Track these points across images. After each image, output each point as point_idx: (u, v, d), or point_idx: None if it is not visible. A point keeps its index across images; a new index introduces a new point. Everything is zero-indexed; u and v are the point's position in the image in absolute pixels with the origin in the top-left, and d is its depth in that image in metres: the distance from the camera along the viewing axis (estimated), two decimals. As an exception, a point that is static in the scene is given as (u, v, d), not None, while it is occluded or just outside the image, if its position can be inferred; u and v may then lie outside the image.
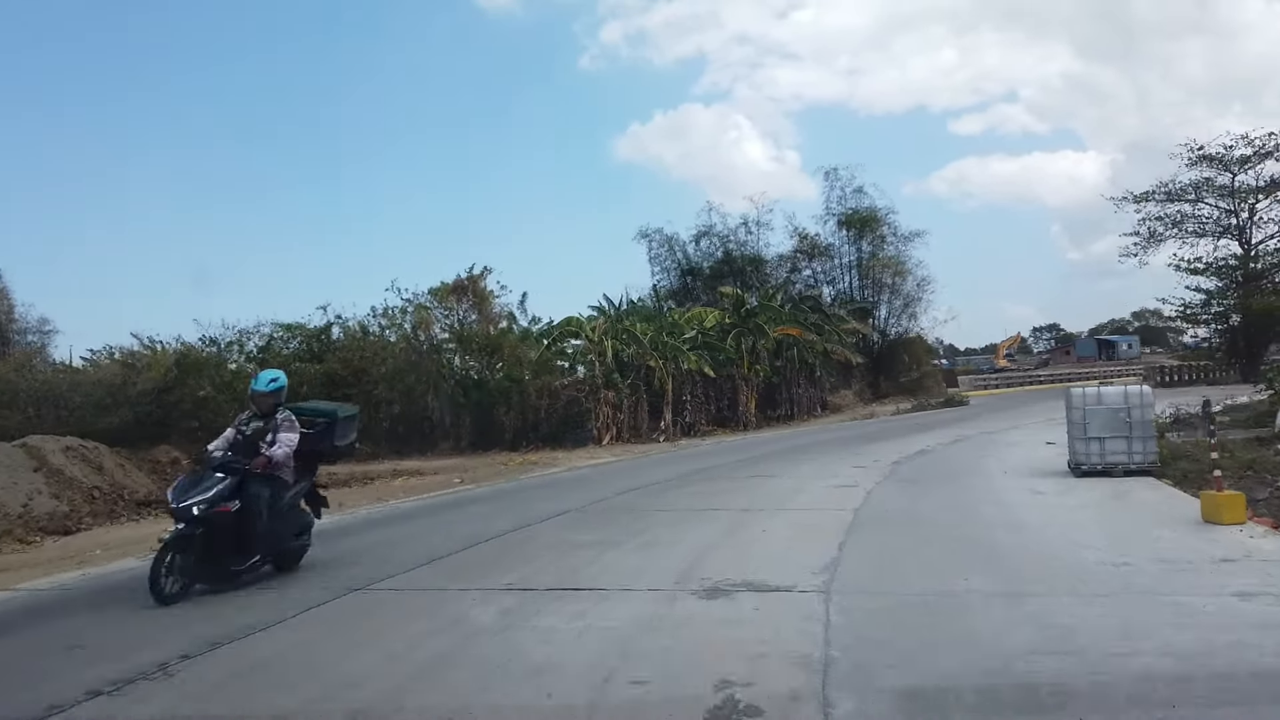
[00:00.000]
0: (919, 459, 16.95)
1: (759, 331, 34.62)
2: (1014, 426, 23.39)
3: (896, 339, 51.12)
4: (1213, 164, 41.19)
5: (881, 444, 20.18)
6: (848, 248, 50.95)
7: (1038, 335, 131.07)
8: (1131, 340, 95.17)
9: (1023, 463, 15.63)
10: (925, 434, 22.17)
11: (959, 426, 24.53)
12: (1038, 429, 22.60)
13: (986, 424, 25.17)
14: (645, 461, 20.78)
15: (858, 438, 22.82)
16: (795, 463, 17.28)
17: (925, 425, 25.84)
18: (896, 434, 22.89)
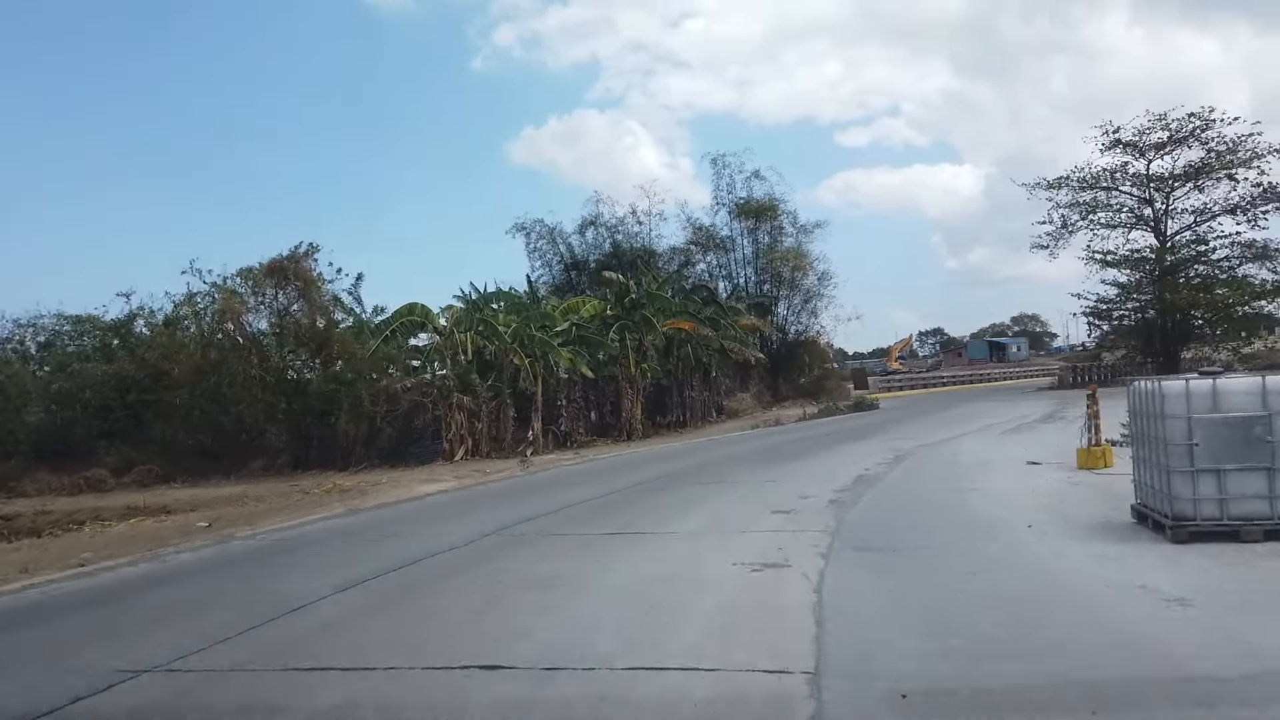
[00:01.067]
0: (866, 494, 11.35)
1: (646, 325, 29.50)
2: (957, 436, 18.70)
3: (797, 338, 46.93)
4: (1127, 149, 38.34)
5: (800, 464, 15.14)
6: (744, 240, 46.49)
7: (923, 339, 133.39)
8: (1020, 343, 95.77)
9: (1029, 501, 10.11)
10: (849, 448, 17.32)
11: (885, 436, 19.84)
12: (986, 439, 18.09)
13: (916, 432, 20.62)
14: (480, 493, 15.13)
15: (766, 453, 17.79)
16: (684, 503, 11.63)
17: (843, 435, 21.18)
18: (813, 448, 17.96)
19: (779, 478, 13.26)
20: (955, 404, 31.50)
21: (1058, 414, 23.43)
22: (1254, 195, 35.70)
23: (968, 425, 21.53)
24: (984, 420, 22.77)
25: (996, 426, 20.88)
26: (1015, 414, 24.24)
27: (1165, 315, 37.92)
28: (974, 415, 25.31)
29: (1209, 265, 37.93)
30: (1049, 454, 13.79)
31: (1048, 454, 13.79)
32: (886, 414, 29.67)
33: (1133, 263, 38.26)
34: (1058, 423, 20.66)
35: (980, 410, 27.14)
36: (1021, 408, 26.96)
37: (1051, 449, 14.49)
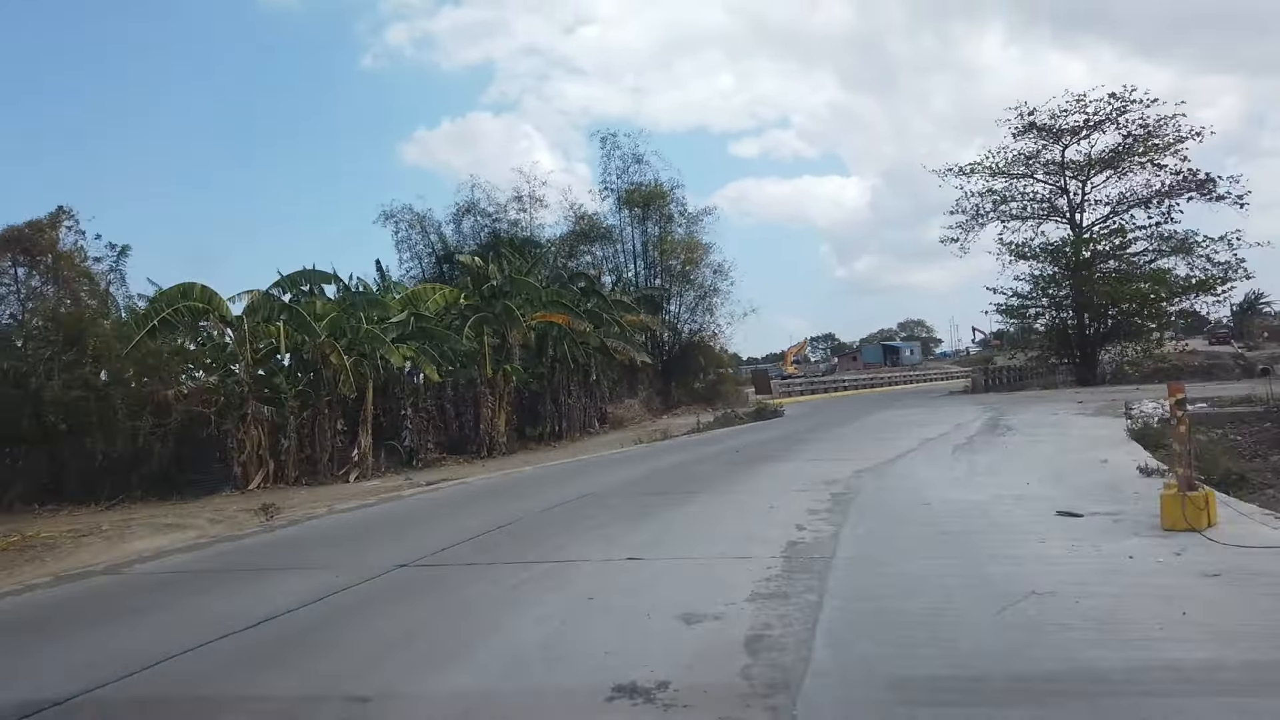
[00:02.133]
0: (822, 608, 5.53)
1: (509, 318, 24.25)
2: (898, 455, 13.99)
3: (691, 338, 42.36)
4: (1041, 134, 35.18)
5: (689, 510, 9.99)
6: (632, 230, 41.71)
7: (815, 345, 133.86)
8: (913, 346, 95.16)
9: (1176, 640, 4.61)
10: (763, 477, 12.29)
11: (806, 455, 14.91)
12: (939, 459, 13.40)
13: (842, 449, 15.84)
14: (211, 560, 9.27)
15: (641, 487, 12.61)
16: (498, 609, 6.19)
17: (750, 454, 16.27)
18: (711, 477, 12.93)
19: (650, 546, 7.88)
20: (868, 410, 27.30)
21: (1001, 422, 19.33)
22: (1175, 183, 33.01)
23: (901, 438, 17.07)
24: (916, 431, 18.40)
25: (938, 440, 16.48)
26: (948, 422, 20.02)
27: (1083, 312, 34.86)
28: (898, 424, 21.02)
29: (1124, 261, 35.07)
30: (1071, 493, 9.06)
31: (1068, 492, 9.07)
32: (794, 422, 25.16)
33: (1049, 253, 35.07)
34: (1015, 434, 16.44)
35: (902, 418, 22.89)
36: (949, 415, 22.80)
37: (1064, 483, 9.89)
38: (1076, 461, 11.84)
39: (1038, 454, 13.02)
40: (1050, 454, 12.91)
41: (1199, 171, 32.38)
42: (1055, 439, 15.23)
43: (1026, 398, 28.31)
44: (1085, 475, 10.25)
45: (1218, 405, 18.60)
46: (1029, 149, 35.17)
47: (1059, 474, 10.54)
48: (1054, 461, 11.93)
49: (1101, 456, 11.97)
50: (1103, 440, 14.49)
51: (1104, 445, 13.62)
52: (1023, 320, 36.31)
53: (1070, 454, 12.79)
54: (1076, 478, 10.08)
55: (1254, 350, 55.67)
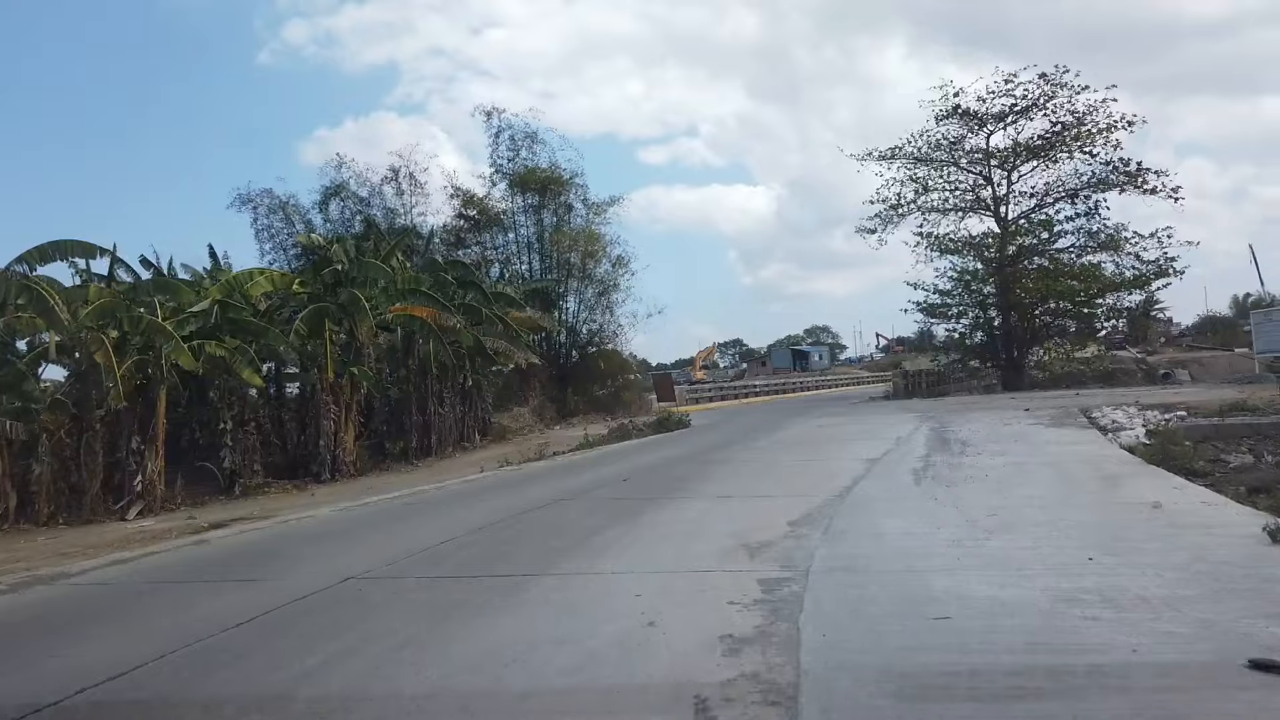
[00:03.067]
0: None
1: (357, 310, 19.58)
2: (848, 487, 9.61)
3: (590, 339, 38.15)
4: (965, 120, 32.23)
5: (507, 619, 5.68)
6: (526, 219, 37.31)
7: (723, 350, 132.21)
8: (822, 351, 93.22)
9: None
10: (650, 521, 8.31)
11: (719, 492, 10.70)
12: (913, 499, 9.35)
13: (768, 479, 11.87)
14: None
15: (462, 555, 8.22)
16: None
17: (641, 484, 12.03)
18: (570, 529, 8.66)
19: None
20: (787, 419, 23.54)
21: (950, 435, 15.64)
22: (1105, 173, 30.43)
23: (837, 458, 13.18)
24: (853, 448, 14.57)
25: (885, 461, 12.61)
26: (886, 435, 16.30)
27: (1010, 311, 31.99)
28: (828, 438, 17.22)
29: (1050, 258, 32.35)
30: (1173, 579, 4.95)
31: (1167, 579, 4.97)
32: (703, 435, 21.16)
33: (973, 247, 32.10)
34: (979, 453, 12.64)
35: (830, 430, 19.11)
36: (883, 425, 19.08)
37: (1138, 554, 5.79)
38: (1109, 505, 8.04)
39: (1040, 489, 9.21)
40: (1059, 490, 9.11)
41: (1130, 161, 29.94)
42: (1039, 461, 11.55)
43: (959, 404, 25.02)
44: (1154, 536, 6.38)
45: (1202, 414, 15.44)
46: (954, 133, 32.20)
47: (1108, 531, 6.65)
48: (1075, 504, 8.08)
49: (1137, 495, 8.25)
50: (1105, 463, 10.87)
51: (1117, 473, 9.99)
52: (944, 320, 33.30)
53: (1087, 490, 9.01)
54: (1146, 542, 6.19)
55: (1154, 355, 54.74)
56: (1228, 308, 79.65)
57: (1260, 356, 26.67)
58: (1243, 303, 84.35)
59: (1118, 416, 16.25)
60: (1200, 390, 22.95)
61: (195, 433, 19.90)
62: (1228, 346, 64.05)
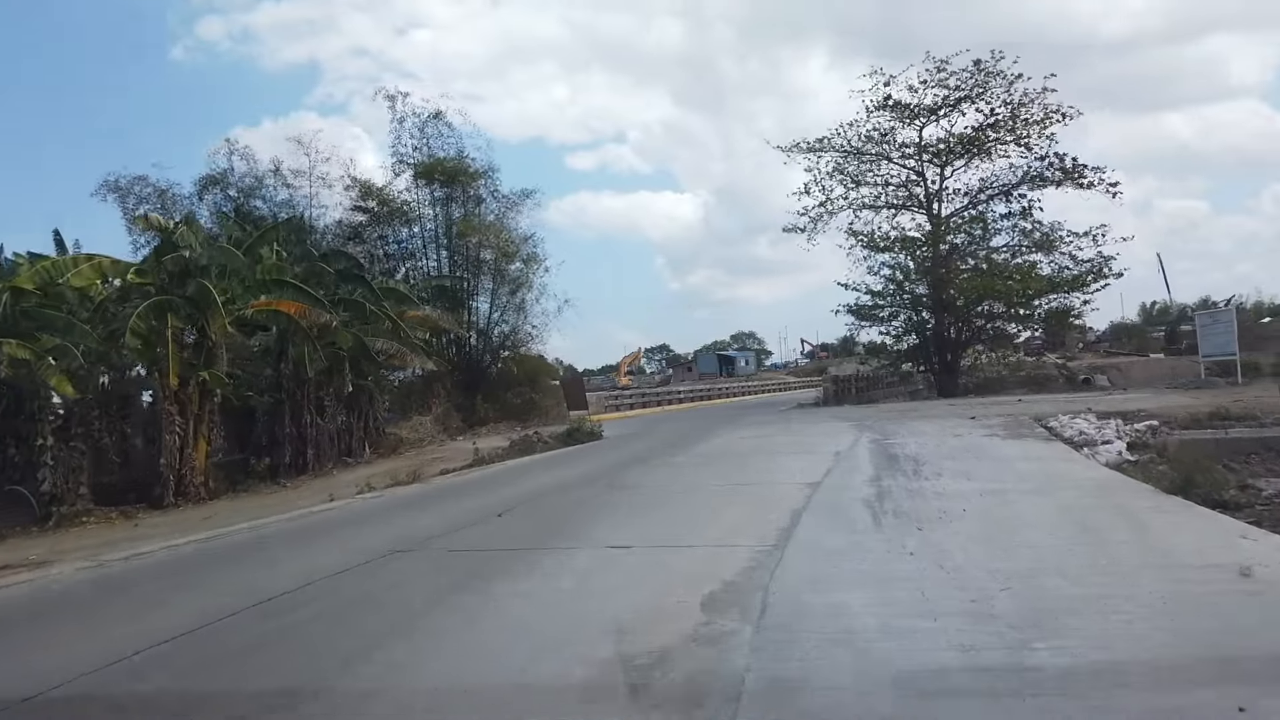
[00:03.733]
0: None
1: (208, 303, 16.32)
2: (787, 527, 6.99)
3: (503, 341, 35.08)
4: (897, 111, 30.24)
5: None
6: (431, 212, 34.10)
7: (650, 356, 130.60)
8: (748, 356, 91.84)
9: None
10: (501, 591, 5.60)
11: (617, 526, 8.02)
12: (881, 553, 6.76)
13: (690, 506, 9.30)
14: None
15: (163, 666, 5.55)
16: None
17: (517, 525, 9.17)
18: (362, 622, 6.02)
19: None
20: (711, 428, 20.94)
21: (896, 450, 13.15)
22: (1042, 168, 28.76)
23: (768, 484, 10.57)
24: (786, 467, 12.01)
25: (828, 488, 10.03)
26: (823, 450, 13.80)
27: (944, 313, 30.07)
28: (755, 453, 14.66)
29: (984, 259, 30.57)
30: None
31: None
32: (614, 449, 18.40)
33: (906, 244, 30.07)
34: (939, 475, 10.07)
35: (758, 442, 16.56)
36: (819, 437, 16.56)
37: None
38: (1167, 569, 5.48)
39: (1046, 535, 6.69)
40: (1073, 537, 6.53)
41: (1065, 156, 28.30)
42: (1022, 489, 9.06)
43: (895, 411, 22.81)
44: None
45: (1177, 424, 13.37)
46: (885, 125, 30.16)
47: (1210, 634, 4.17)
48: (1116, 568, 5.45)
49: (1191, 548, 5.82)
50: (1108, 492, 8.44)
51: (1131, 507, 7.56)
52: (876, 322, 31.20)
53: (1113, 539, 6.42)
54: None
55: (1074, 361, 54.23)
56: (1136, 315, 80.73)
57: (1206, 360, 25.26)
58: (1150, 310, 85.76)
59: (1083, 427, 14.07)
60: (1150, 396, 21.18)
61: (11, 449, 16.49)
62: (1143, 352, 64.30)
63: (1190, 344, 61.38)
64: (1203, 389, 21.55)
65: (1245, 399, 16.74)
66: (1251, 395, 18.47)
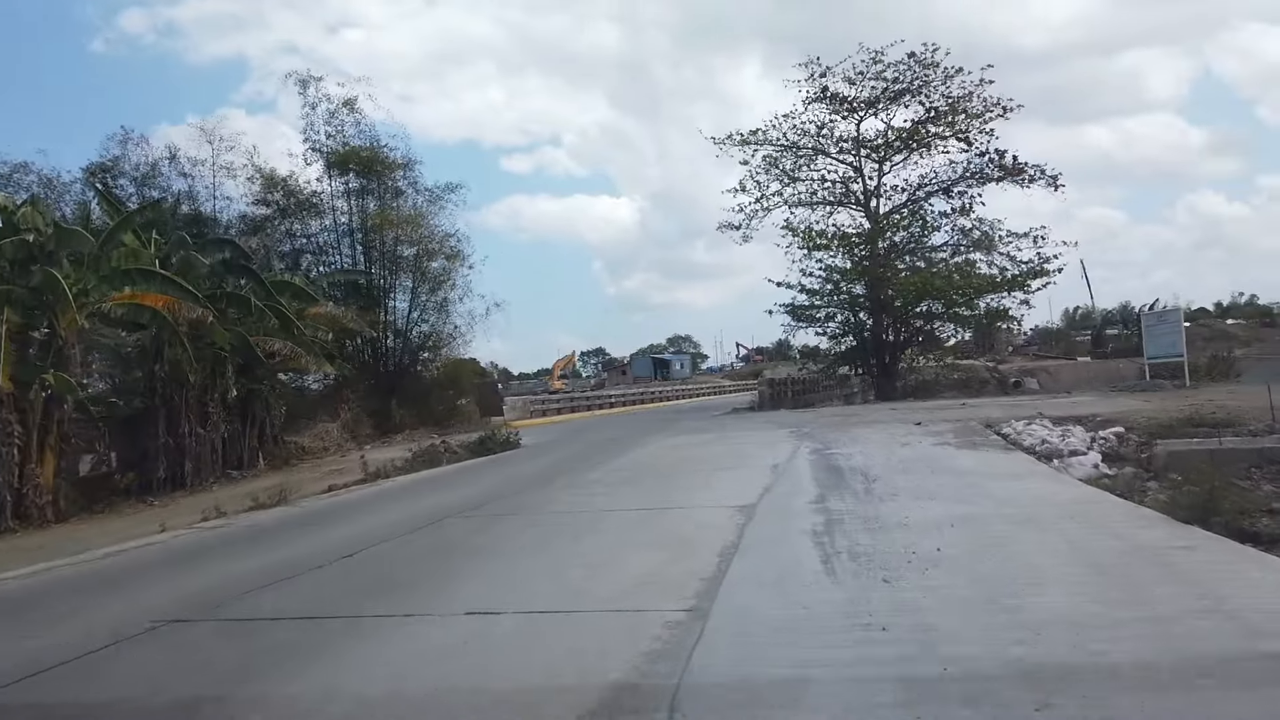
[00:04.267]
0: None
1: (56, 295, 13.77)
2: (716, 574, 5.23)
3: (424, 342, 32.69)
4: (833, 104, 28.82)
5: None
6: (346, 204, 31.55)
7: (586, 359, 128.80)
8: (684, 360, 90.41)
9: None
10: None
11: (487, 579, 6.34)
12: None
13: (590, 551, 7.43)
14: None
15: None
16: None
17: (352, 577, 7.28)
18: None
19: None
20: (638, 436, 19.06)
21: (838, 461, 11.47)
22: (982, 164, 27.62)
23: (692, 511, 8.65)
24: (715, 485, 10.18)
25: (767, 517, 8.19)
26: (758, 463, 12.04)
27: (882, 313, 28.70)
28: (680, 467, 12.79)
29: (923, 258, 29.34)
30: None
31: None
32: (530, 461, 16.33)
33: (843, 241, 28.59)
34: (895, 495, 8.21)
35: (686, 452, 14.72)
36: (754, 447, 14.80)
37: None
38: (1247, 656, 3.79)
39: (1058, 590, 4.92)
40: (1096, 592, 4.78)
41: (1005, 152, 27.20)
42: (1001, 514, 7.27)
43: (835, 416, 21.21)
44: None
45: (1140, 431, 11.95)
46: (822, 118, 28.68)
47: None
48: (1205, 648, 3.76)
49: (1254, 608, 4.15)
50: (1107, 519, 6.73)
51: (1147, 543, 5.86)
52: (812, 323, 29.70)
53: (1149, 594, 4.65)
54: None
55: (1003, 364, 53.98)
56: (1059, 320, 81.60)
57: (1151, 361, 24.31)
58: (1073, 316, 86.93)
59: (1043, 435, 12.55)
60: (1097, 399, 19.98)
61: None
62: (1070, 356, 64.63)
63: (1116, 347, 62.05)
64: (1150, 392, 20.45)
65: (1206, 401, 15.52)
66: (1205, 398, 17.33)
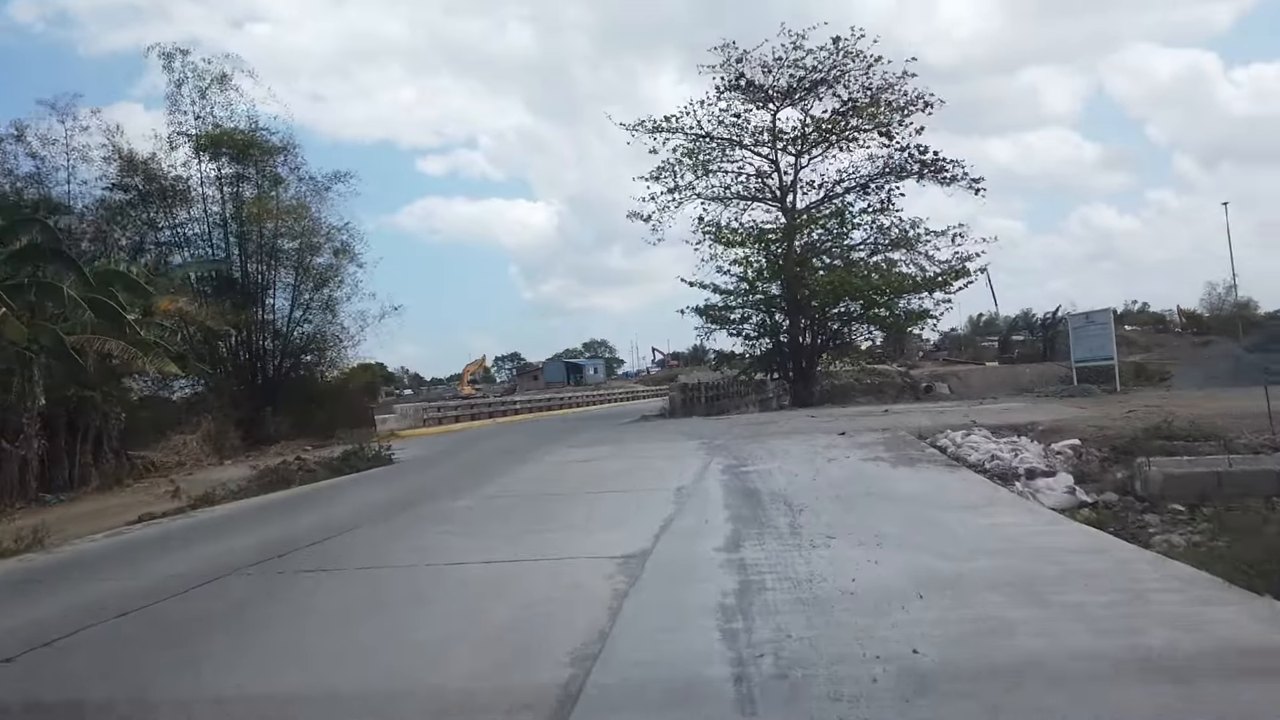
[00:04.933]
0: None
1: None
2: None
3: (307, 344, 29.45)
4: (750, 93, 26.94)
5: None
6: (218, 191, 28.11)
7: (500, 364, 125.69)
8: (597, 364, 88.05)
9: None
10: None
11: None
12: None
13: (427, 662, 5.18)
14: None
15: None
16: None
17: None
18: None
19: None
20: (533, 448, 16.58)
21: (755, 484, 9.29)
22: (902, 160, 26.13)
23: (576, 550, 6.35)
24: (607, 518, 7.90)
25: (661, 567, 5.96)
26: (658, 486, 9.79)
27: (799, 315, 26.90)
28: (560, 489, 10.40)
29: (841, 257, 27.70)
30: None
31: None
32: (395, 480, 13.58)
33: (759, 238, 26.68)
34: (836, 540, 6.02)
35: (572, 470, 12.35)
36: (656, 463, 12.57)
37: None
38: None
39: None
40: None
41: (926, 148, 25.76)
42: (981, 569, 5.08)
43: (750, 424, 19.15)
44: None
45: (1097, 442, 10.16)
46: (738, 107, 26.73)
47: None
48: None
49: None
50: (1141, 591, 4.55)
51: (1208, 617, 3.88)
52: (725, 325, 27.69)
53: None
54: None
55: (914, 369, 53.41)
56: (964, 326, 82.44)
57: (1079, 365, 23.05)
58: (978, 322, 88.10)
59: (988, 447, 10.64)
60: (1028, 406, 18.45)
61: None
62: (979, 361, 64.76)
63: (1023, 353, 62.38)
64: (1082, 397, 19.06)
65: (1146, 407, 13.99)
66: (1143, 404, 15.91)
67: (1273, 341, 22.33)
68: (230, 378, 26.76)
